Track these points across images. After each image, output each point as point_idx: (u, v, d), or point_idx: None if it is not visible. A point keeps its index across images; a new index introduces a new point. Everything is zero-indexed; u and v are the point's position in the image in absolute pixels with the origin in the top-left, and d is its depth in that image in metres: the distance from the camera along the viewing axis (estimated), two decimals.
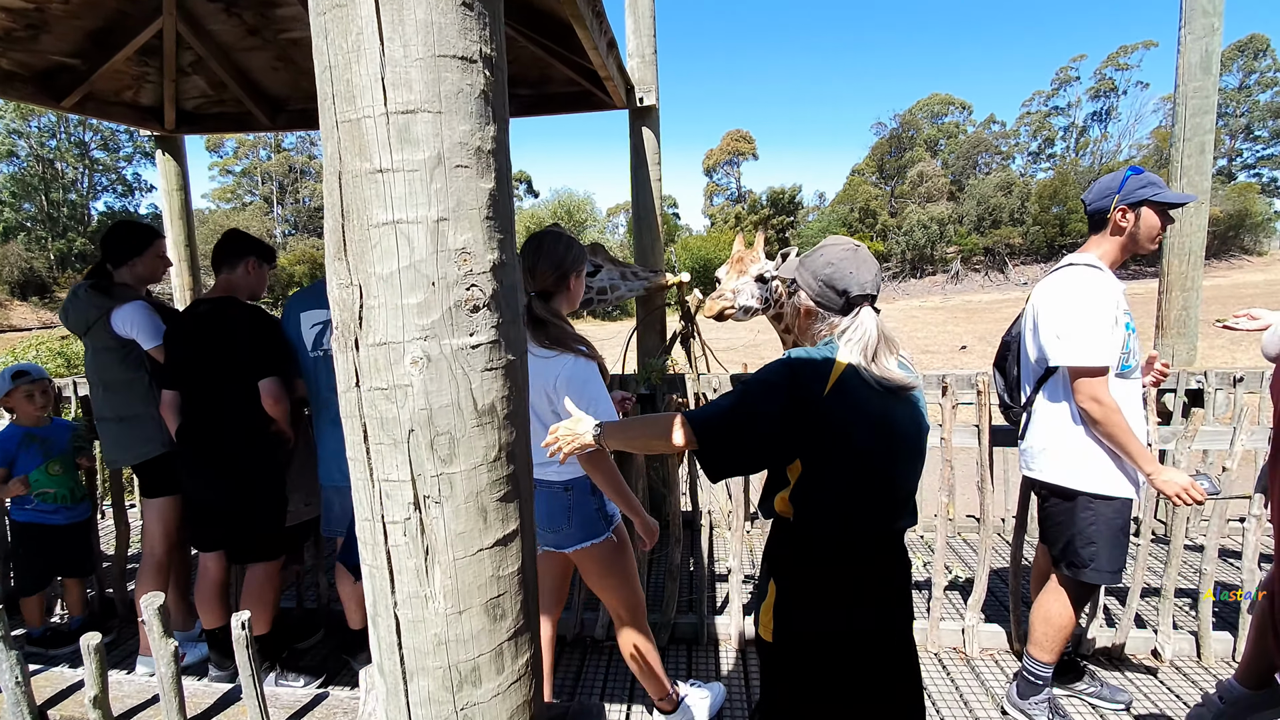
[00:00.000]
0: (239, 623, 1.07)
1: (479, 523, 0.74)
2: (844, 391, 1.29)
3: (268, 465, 2.45)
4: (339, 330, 0.72)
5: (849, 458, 1.31)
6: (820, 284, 1.41)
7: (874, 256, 1.46)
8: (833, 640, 1.35)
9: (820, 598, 1.36)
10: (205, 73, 4.08)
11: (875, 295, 1.42)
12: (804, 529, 1.37)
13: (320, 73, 0.70)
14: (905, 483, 1.39)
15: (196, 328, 2.36)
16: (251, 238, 2.55)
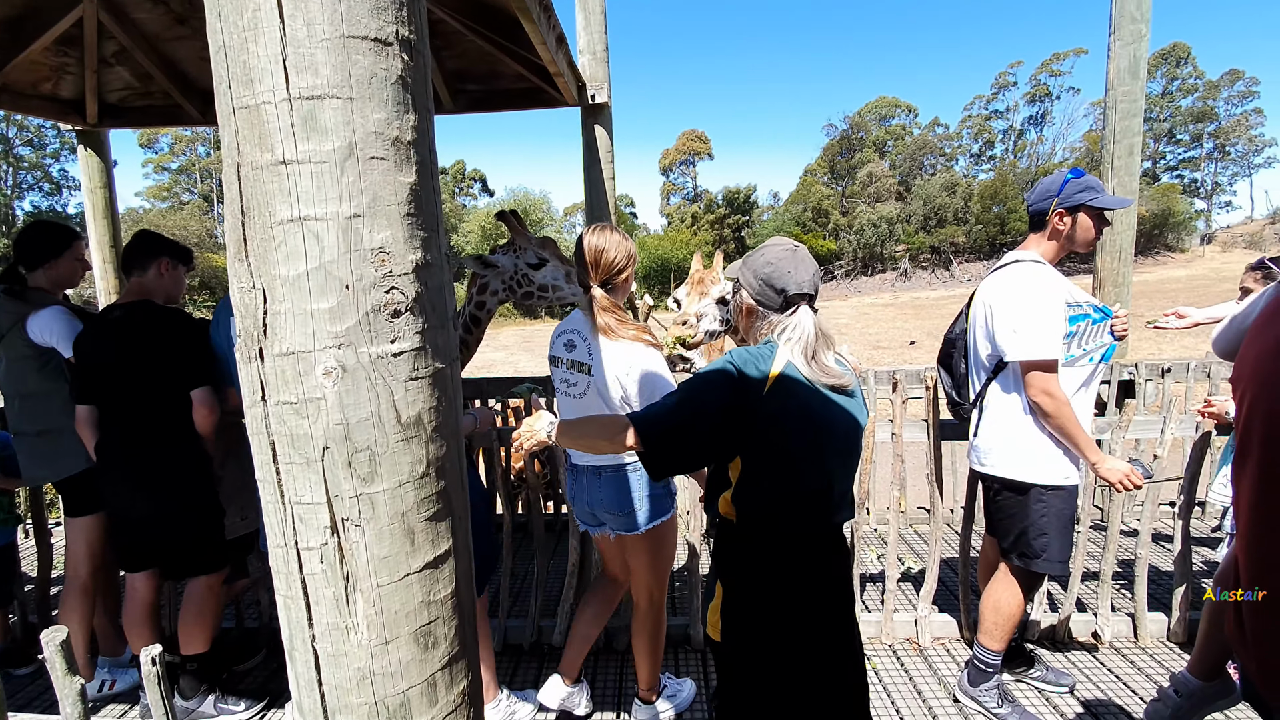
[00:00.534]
0: (148, 658, 0.98)
1: (406, 545, 0.68)
2: (783, 390, 1.32)
3: (196, 477, 2.30)
4: (242, 339, 0.65)
5: (787, 455, 1.33)
6: (760, 283, 1.43)
7: (814, 257, 1.50)
8: (777, 636, 1.37)
9: (764, 596, 1.38)
10: (130, 64, 3.84)
11: (814, 294, 1.44)
12: (745, 528, 1.38)
13: (215, 54, 0.63)
14: (843, 479, 1.42)
15: (108, 335, 2.20)
16: (164, 238, 2.40)
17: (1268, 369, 0.95)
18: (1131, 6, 3.79)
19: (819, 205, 44.14)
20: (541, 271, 2.84)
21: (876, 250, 41.78)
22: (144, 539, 2.29)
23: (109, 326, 2.21)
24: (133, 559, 2.33)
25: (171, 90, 3.94)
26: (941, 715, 2.34)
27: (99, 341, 2.22)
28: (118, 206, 4.67)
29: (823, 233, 42.79)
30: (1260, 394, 0.96)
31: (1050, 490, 2.10)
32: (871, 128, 50.33)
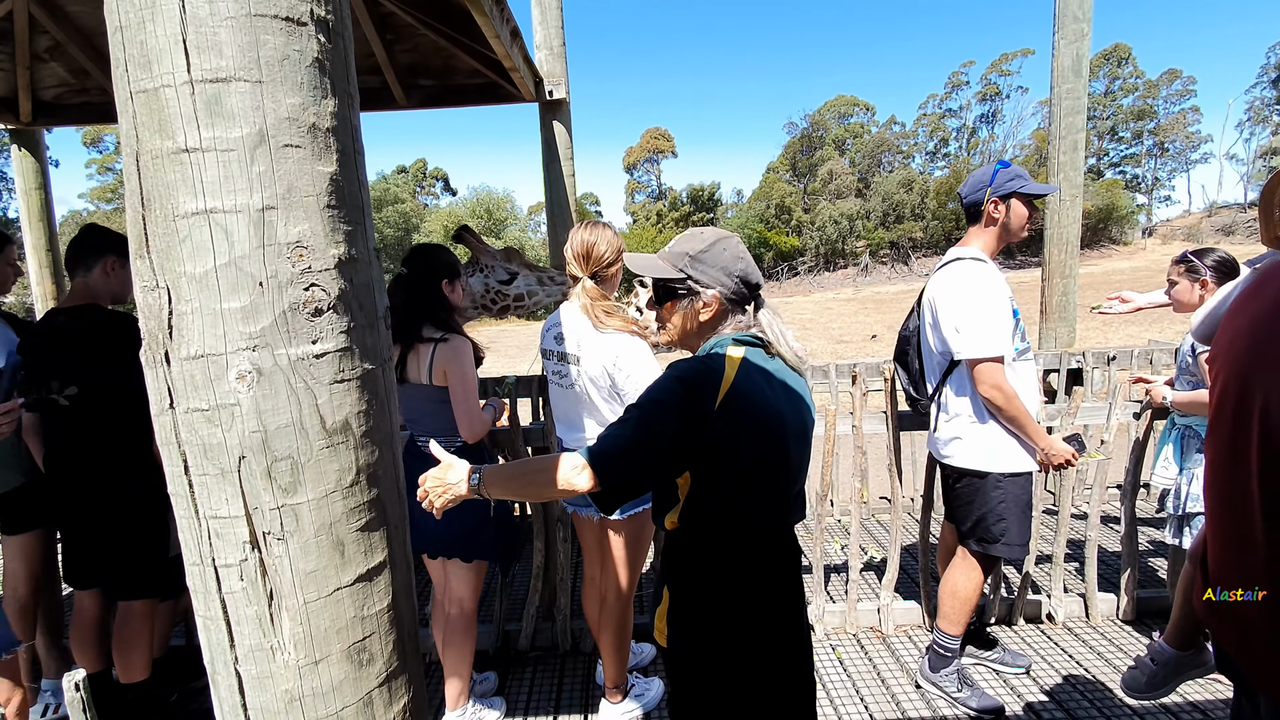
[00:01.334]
0: (71, 684, 0.91)
1: (335, 558, 0.65)
2: (734, 402, 1.24)
3: (147, 490, 2.19)
4: (147, 342, 0.60)
5: (741, 467, 1.26)
6: (737, 280, 1.32)
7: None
8: (725, 641, 1.32)
9: (712, 601, 1.32)
10: (65, 59, 3.65)
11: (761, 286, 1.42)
12: (694, 537, 1.32)
13: (112, 34, 0.58)
14: (796, 480, 1.36)
15: (54, 341, 2.08)
16: (111, 233, 2.26)
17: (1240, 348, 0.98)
18: (1074, 6, 3.92)
19: (782, 202, 44.68)
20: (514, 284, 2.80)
21: (838, 246, 42.51)
22: (90, 554, 2.17)
23: (55, 333, 2.08)
24: (79, 575, 2.21)
25: (109, 86, 3.76)
26: (904, 701, 2.38)
27: (45, 349, 2.09)
28: (54, 209, 4.45)
29: (786, 229, 43.34)
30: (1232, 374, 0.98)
31: (1008, 477, 2.16)
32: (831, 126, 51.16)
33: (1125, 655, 2.59)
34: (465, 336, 2.12)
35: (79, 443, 2.12)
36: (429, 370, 2.08)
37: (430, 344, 2.08)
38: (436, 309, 2.12)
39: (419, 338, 2.08)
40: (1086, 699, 2.35)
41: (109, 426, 2.11)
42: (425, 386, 2.10)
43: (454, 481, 1.30)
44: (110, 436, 2.11)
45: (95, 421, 2.10)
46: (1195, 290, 2.40)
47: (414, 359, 2.09)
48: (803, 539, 3.79)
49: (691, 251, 1.34)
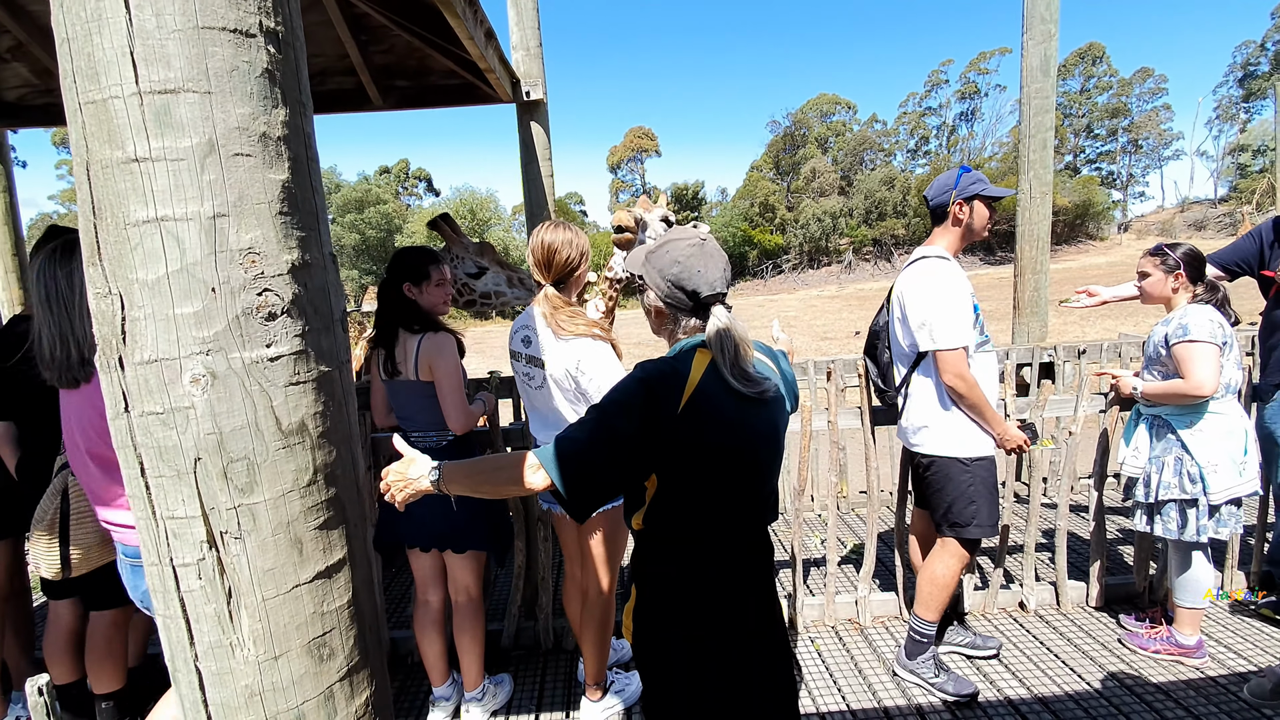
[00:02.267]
0: (34, 688, 0.92)
1: (293, 556, 0.66)
2: (699, 404, 1.22)
3: None
4: (101, 347, 0.62)
5: (706, 470, 1.25)
6: (669, 284, 1.31)
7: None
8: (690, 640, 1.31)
9: (677, 601, 1.31)
10: (28, 59, 3.59)
11: (725, 293, 1.32)
12: (662, 539, 1.31)
13: (59, 46, 0.59)
14: (766, 483, 1.35)
15: (18, 351, 2.05)
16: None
17: None
18: (1041, 8, 3.99)
19: (766, 201, 44.90)
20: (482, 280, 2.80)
21: (822, 244, 42.80)
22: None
23: (21, 340, 2.05)
24: (54, 584, 2.19)
25: None
26: (881, 691, 2.42)
27: (12, 355, 2.06)
28: (19, 211, 4.37)
29: (770, 227, 43.56)
30: None
31: (975, 461, 2.26)
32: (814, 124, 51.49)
33: (1094, 640, 2.66)
34: (449, 331, 2.16)
35: (51, 451, 2.09)
36: (415, 365, 2.13)
37: (415, 338, 2.13)
38: (405, 312, 2.17)
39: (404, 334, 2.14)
40: (1057, 684, 2.41)
41: None
42: (414, 382, 2.15)
43: (414, 476, 1.30)
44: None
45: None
46: (1168, 282, 2.44)
47: (401, 353, 2.15)
48: (782, 533, 3.83)
49: (650, 250, 1.35)
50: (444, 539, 2.21)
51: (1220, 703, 2.27)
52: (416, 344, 2.13)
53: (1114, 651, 2.59)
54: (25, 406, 2.09)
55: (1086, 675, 2.45)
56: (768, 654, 1.39)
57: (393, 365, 2.17)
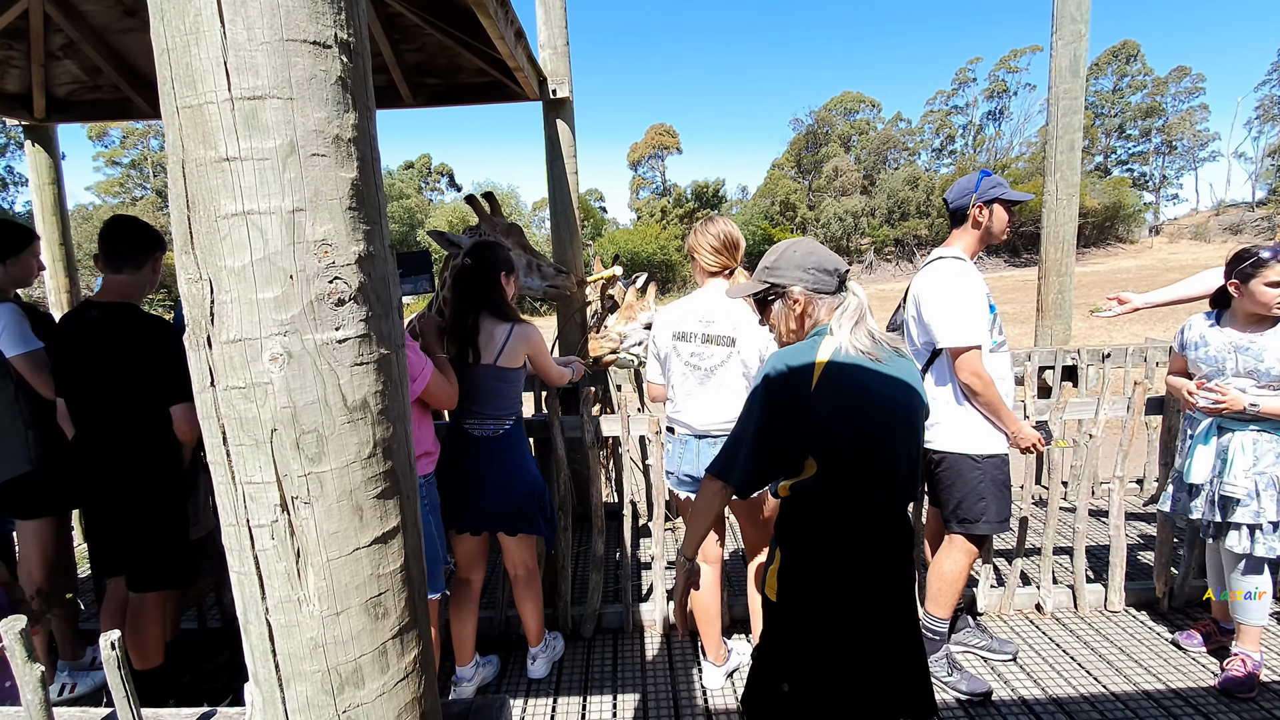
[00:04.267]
0: (108, 642, 1.00)
1: (354, 521, 0.73)
2: (829, 384, 1.34)
3: (165, 485, 2.26)
4: (190, 328, 0.68)
5: (840, 445, 1.35)
6: (815, 272, 1.47)
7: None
8: (830, 607, 1.41)
9: (821, 570, 1.42)
10: (78, 57, 3.74)
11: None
12: (807, 506, 1.42)
13: (159, 55, 0.66)
14: (905, 460, 1.42)
15: (86, 337, 2.13)
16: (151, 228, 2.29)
17: None
18: (1071, 7, 3.96)
19: (786, 199, 44.62)
20: None
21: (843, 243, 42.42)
22: (112, 546, 2.24)
23: (89, 328, 2.14)
24: (102, 565, 2.29)
25: (121, 83, 3.85)
26: None
27: (78, 343, 2.13)
28: (66, 203, 4.54)
29: (790, 226, 43.29)
30: None
31: (986, 458, 2.29)
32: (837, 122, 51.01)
33: (1111, 645, 2.66)
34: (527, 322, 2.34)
35: (104, 438, 2.18)
36: (500, 353, 2.27)
37: (504, 327, 2.28)
38: (497, 300, 2.31)
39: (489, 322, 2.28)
40: (1072, 686, 2.42)
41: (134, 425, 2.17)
42: (491, 368, 2.27)
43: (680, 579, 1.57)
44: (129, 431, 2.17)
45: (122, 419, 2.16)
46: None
47: (486, 342, 2.27)
48: None
49: (767, 264, 1.55)
50: (498, 522, 2.35)
51: (1240, 710, 2.27)
52: (507, 333, 2.27)
53: (1132, 655, 2.60)
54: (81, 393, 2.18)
55: (1103, 679, 2.46)
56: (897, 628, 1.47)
57: (470, 354, 2.27)
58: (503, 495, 2.29)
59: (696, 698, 2.43)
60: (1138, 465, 4.44)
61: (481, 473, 2.28)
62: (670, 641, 2.80)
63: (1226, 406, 2.25)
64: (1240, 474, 2.25)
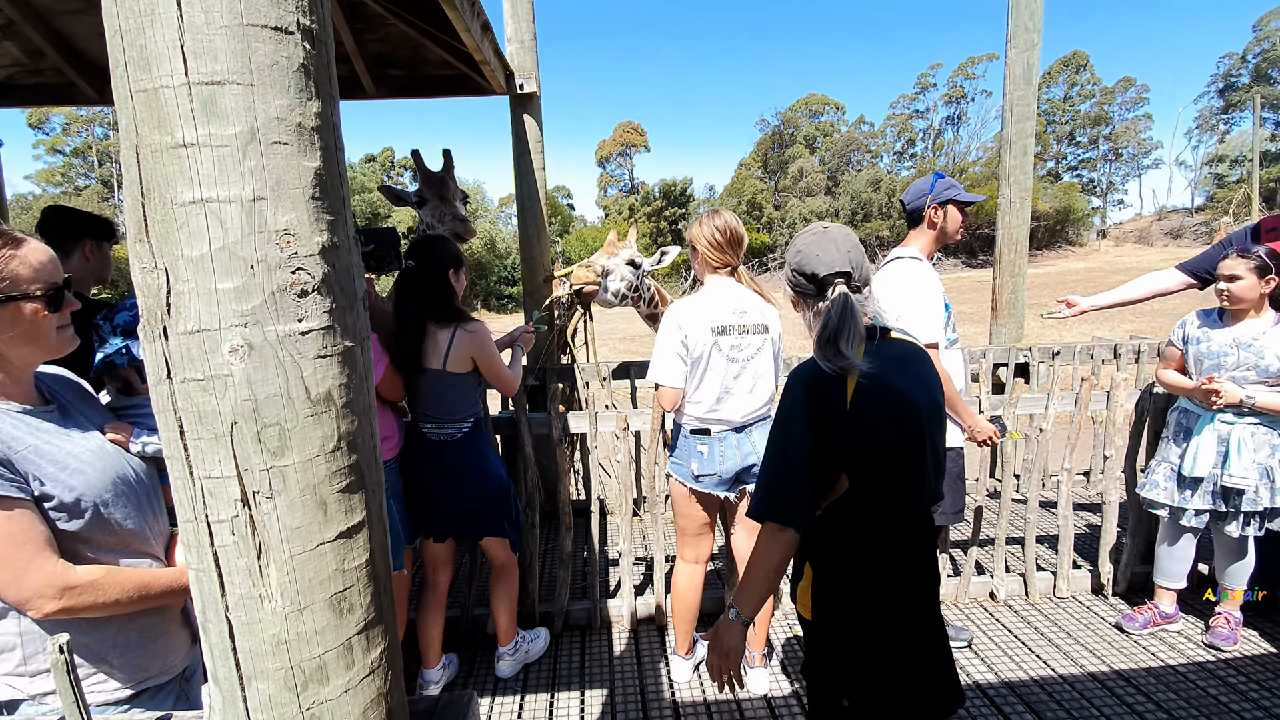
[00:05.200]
0: (56, 645, 0.96)
1: (318, 516, 0.71)
2: (865, 397, 1.26)
3: None
4: (145, 319, 0.66)
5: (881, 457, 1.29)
6: (793, 273, 1.40)
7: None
8: (872, 616, 1.36)
9: (859, 582, 1.36)
10: (18, 39, 3.55)
11: (850, 272, 1.36)
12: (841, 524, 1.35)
13: (111, 37, 0.63)
14: (933, 457, 1.37)
15: None
16: (81, 215, 2.20)
17: None
18: (1025, 17, 4.10)
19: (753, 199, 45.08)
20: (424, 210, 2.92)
21: None
22: None
23: None
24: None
25: (65, 67, 3.67)
26: None
27: None
28: (5, 191, 4.31)
29: (757, 226, 43.75)
30: None
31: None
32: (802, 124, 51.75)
33: (1060, 630, 2.78)
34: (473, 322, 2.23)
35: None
36: (446, 357, 2.17)
37: (448, 331, 2.16)
38: (445, 301, 2.20)
39: (433, 326, 2.18)
40: (1024, 670, 2.52)
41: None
42: (440, 373, 2.19)
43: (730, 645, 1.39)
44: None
45: None
46: (1259, 286, 2.36)
47: (431, 346, 2.17)
48: None
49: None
50: (460, 528, 2.32)
51: (1180, 689, 2.39)
52: (450, 336, 2.16)
53: (1079, 640, 2.71)
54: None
55: (1052, 663, 2.57)
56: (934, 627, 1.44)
57: (419, 359, 2.17)
58: (464, 500, 2.26)
59: (664, 691, 2.45)
60: (1084, 458, 4.64)
61: (442, 477, 2.25)
62: (637, 637, 2.82)
63: (1228, 401, 2.39)
64: (1246, 466, 2.40)
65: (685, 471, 2.29)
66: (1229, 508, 2.47)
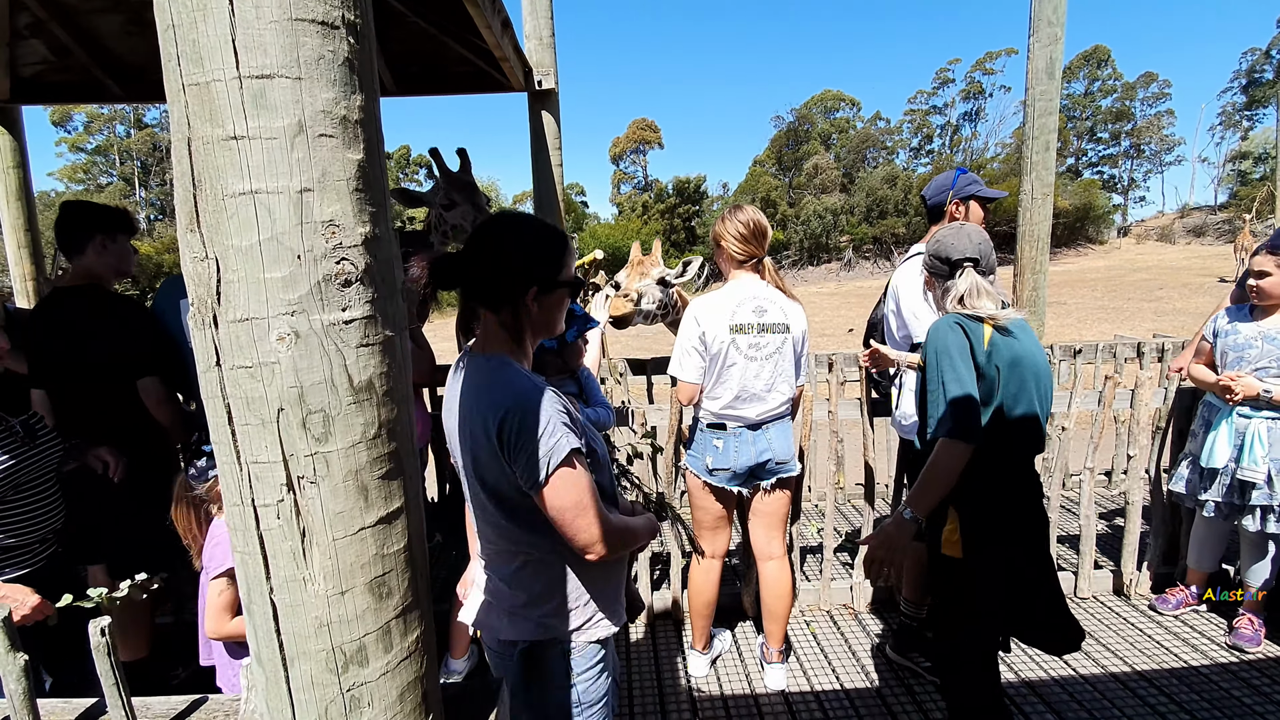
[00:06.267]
0: (97, 629, 0.99)
1: (359, 501, 0.73)
2: (997, 346, 1.62)
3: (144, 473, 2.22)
4: (195, 307, 0.68)
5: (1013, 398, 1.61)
6: (930, 258, 1.81)
7: (980, 230, 1.76)
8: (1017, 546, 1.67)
9: (1003, 517, 1.66)
10: (46, 36, 3.61)
11: (978, 259, 1.72)
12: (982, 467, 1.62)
13: (163, 31, 0.65)
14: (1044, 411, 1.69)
15: (57, 322, 2.10)
16: (91, 209, 2.25)
17: None
18: (1049, 10, 4.04)
19: (767, 196, 44.81)
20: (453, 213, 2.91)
21: (822, 240, 42.78)
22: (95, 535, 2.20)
23: (59, 313, 2.11)
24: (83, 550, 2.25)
25: (91, 65, 3.74)
26: (873, 672, 2.51)
27: (51, 329, 2.11)
28: (32, 188, 4.40)
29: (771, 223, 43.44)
30: None
31: None
32: (817, 120, 51.36)
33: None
34: None
35: (84, 422, 2.15)
36: None
37: None
38: None
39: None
40: (1043, 670, 2.50)
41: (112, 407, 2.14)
42: None
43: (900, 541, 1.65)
44: (115, 417, 2.15)
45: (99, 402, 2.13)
46: None
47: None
48: None
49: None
50: None
51: (1202, 690, 2.37)
52: None
53: (1099, 640, 2.69)
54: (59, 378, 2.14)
55: (1074, 663, 2.54)
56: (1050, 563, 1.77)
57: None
58: None
59: (681, 686, 2.46)
60: (1106, 458, 4.58)
61: None
62: (654, 631, 2.83)
63: (1246, 394, 2.42)
64: (1259, 460, 2.43)
65: (700, 465, 2.30)
66: (1243, 501, 2.49)
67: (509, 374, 1.19)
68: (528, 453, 1.13)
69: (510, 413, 1.13)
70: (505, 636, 1.28)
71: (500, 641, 1.31)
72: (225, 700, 1.11)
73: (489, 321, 1.24)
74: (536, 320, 1.24)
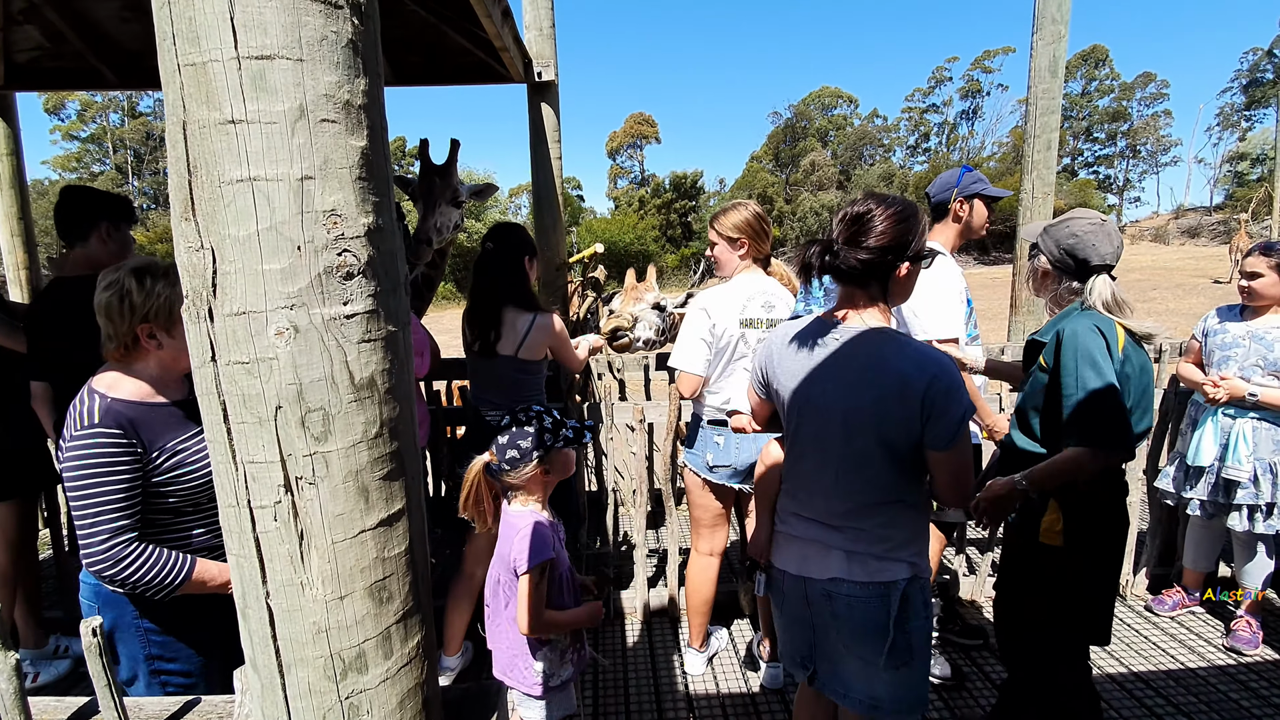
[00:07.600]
0: (89, 629, 0.96)
1: (360, 503, 0.70)
2: (1128, 351, 1.62)
3: None
4: (189, 299, 0.65)
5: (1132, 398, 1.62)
6: (1061, 251, 1.71)
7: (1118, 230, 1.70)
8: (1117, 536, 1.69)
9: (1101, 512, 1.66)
10: (40, 22, 3.54)
11: (1113, 265, 1.68)
12: None
13: (158, 9, 0.62)
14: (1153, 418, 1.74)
15: (59, 313, 2.06)
16: (97, 197, 2.21)
17: None
18: (1053, 8, 4.02)
19: (764, 192, 44.75)
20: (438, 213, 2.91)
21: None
22: None
23: (60, 304, 2.06)
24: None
25: (86, 52, 3.67)
26: None
27: (55, 320, 2.07)
28: (26, 175, 4.33)
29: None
30: None
31: None
32: (814, 117, 51.29)
33: None
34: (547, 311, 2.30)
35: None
36: (520, 344, 2.22)
37: (527, 318, 2.23)
38: (519, 288, 2.26)
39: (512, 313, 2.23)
40: None
41: None
42: (511, 359, 2.24)
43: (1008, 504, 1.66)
44: None
45: None
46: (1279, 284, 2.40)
47: (508, 333, 2.23)
48: None
49: (1051, 224, 1.78)
50: None
51: (1199, 693, 2.37)
52: (528, 324, 2.21)
53: None
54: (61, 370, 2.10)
55: None
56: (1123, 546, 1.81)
57: (489, 343, 2.22)
58: None
59: (678, 684, 2.45)
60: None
61: None
62: (650, 629, 2.81)
63: (1232, 395, 2.43)
64: (1242, 459, 2.45)
65: (700, 462, 2.28)
66: (1228, 500, 2.52)
67: (915, 342, 1.37)
68: (948, 415, 1.29)
69: (937, 378, 1.28)
70: (881, 579, 1.39)
71: (866, 585, 1.39)
72: (217, 702, 1.08)
73: (859, 296, 1.41)
74: (896, 291, 1.42)
